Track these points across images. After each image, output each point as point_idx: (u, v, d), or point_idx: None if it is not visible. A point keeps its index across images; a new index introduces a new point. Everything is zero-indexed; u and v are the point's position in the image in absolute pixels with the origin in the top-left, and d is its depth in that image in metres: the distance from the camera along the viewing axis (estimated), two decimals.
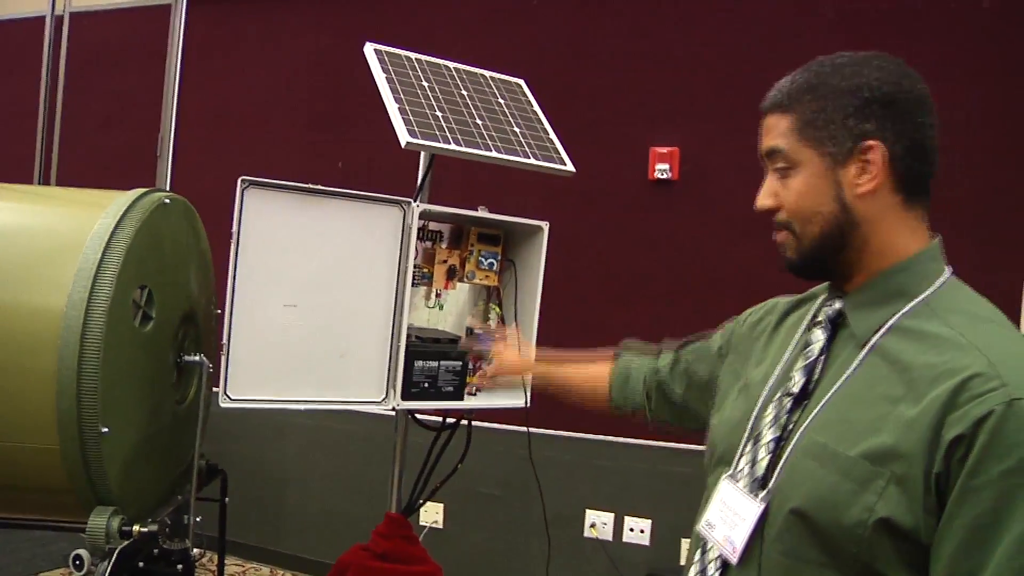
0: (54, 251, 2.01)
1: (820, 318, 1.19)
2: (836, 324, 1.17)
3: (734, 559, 1.12)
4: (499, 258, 2.38)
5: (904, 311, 1.10)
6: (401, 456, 2.38)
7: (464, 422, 2.42)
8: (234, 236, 1.97)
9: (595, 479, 3.44)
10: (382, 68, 2.22)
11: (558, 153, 2.36)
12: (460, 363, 2.26)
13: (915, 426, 1.00)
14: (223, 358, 1.98)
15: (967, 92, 3.00)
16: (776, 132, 1.15)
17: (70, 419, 1.90)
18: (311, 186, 2.05)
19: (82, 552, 2.02)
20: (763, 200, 1.18)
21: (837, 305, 1.17)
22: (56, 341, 1.89)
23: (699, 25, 3.38)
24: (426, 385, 2.21)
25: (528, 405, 2.33)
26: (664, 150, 3.38)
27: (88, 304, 1.91)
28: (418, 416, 2.40)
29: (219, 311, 2.54)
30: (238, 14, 4.29)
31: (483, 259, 2.35)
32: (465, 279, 2.36)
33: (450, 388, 2.25)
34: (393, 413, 2.32)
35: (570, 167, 2.35)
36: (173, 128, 4.32)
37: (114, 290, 1.94)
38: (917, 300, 1.11)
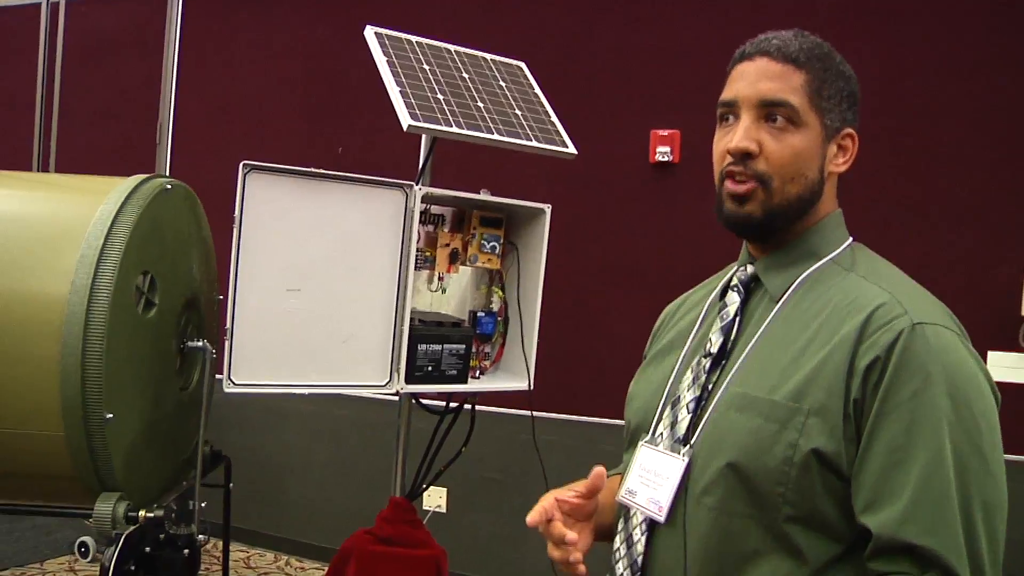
0: (56, 238, 2.00)
1: (734, 282, 1.22)
2: (748, 288, 1.20)
3: (661, 517, 1.12)
4: (501, 241, 2.38)
5: (813, 268, 1.16)
6: (404, 441, 2.38)
7: (468, 406, 2.42)
8: (236, 221, 1.96)
9: (599, 462, 3.44)
10: (383, 51, 2.21)
11: (559, 135, 2.35)
12: (463, 346, 2.26)
13: (830, 360, 1.04)
14: (226, 344, 1.98)
15: (968, 86, 2.99)
16: (787, 84, 1.12)
17: (74, 406, 1.90)
18: (313, 170, 2.04)
19: (87, 539, 2.02)
20: (746, 143, 1.12)
21: (750, 269, 1.20)
22: (59, 328, 1.89)
23: (700, 7, 3.37)
24: (430, 368, 2.21)
25: (531, 388, 2.34)
26: (665, 133, 3.37)
27: (91, 291, 1.91)
28: (422, 400, 2.40)
29: (221, 297, 2.54)
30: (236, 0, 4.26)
31: (485, 242, 2.35)
32: (468, 262, 2.36)
33: (454, 371, 2.25)
34: (397, 397, 2.32)
35: (572, 149, 2.34)
36: (172, 116, 4.31)
37: (116, 276, 1.94)
38: (825, 259, 1.17)
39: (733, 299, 1.20)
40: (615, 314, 3.46)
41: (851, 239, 1.21)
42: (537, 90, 2.48)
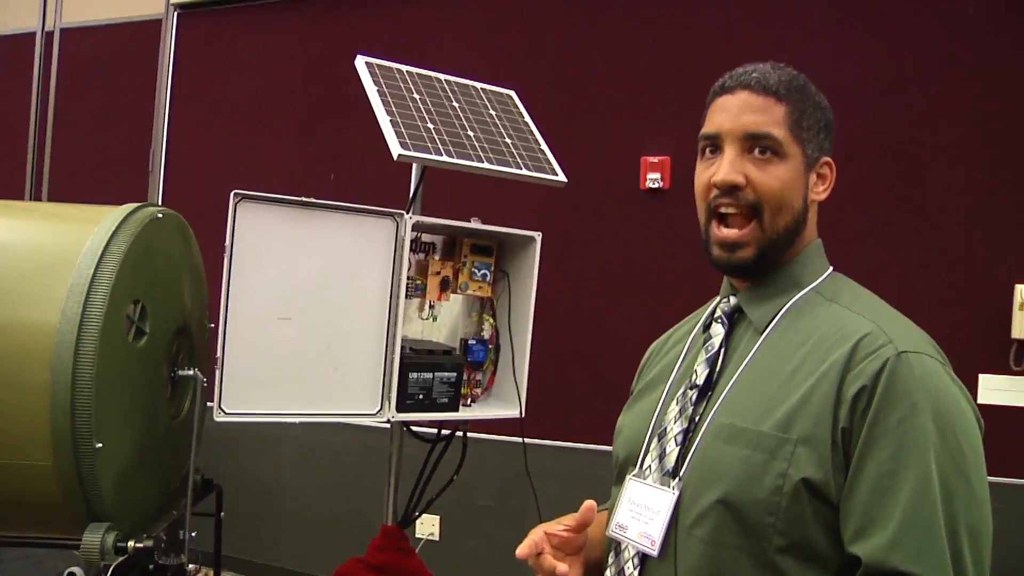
0: (47, 267, 2.00)
1: (718, 314, 1.24)
2: (732, 319, 1.22)
3: (654, 552, 1.12)
4: (492, 269, 2.38)
5: (796, 298, 1.18)
6: (396, 468, 2.37)
7: (459, 433, 2.42)
8: (227, 250, 1.97)
9: (592, 490, 3.43)
10: (373, 81, 2.23)
11: (550, 164, 2.37)
12: (455, 374, 2.26)
13: (817, 390, 1.06)
14: (217, 372, 1.98)
15: (968, 86, 2.99)
16: (770, 117, 1.15)
17: (64, 434, 1.89)
18: (304, 199, 2.05)
19: (76, 570, 2.01)
20: (733, 175, 1.14)
21: (733, 301, 1.22)
22: (50, 356, 1.89)
23: (689, 35, 3.40)
24: (421, 397, 2.21)
25: (523, 415, 2.33)
26: (655, 159, 3.39)
27: (81, 319, 1.90)
28: (413, 428, 2.39)
29: (212, 325, 2.54)
30: (228, 28, 4.29)
31: (476, 270, 2.36)
32: (459, 290, 2.36)
33: (445, 399, 2.25)
34: (388, 425, 2.31)
35: (562, 177, 2.36)
36: (164, 142, 4.32)
37: (107, 305, 1.94)
38: (807, 289, 1.19)
39: (717, 331, 1.22)
40: (607, 339, 3.46)
41: (831, 268, 1.23)
42: (527, 118, 2.49)
